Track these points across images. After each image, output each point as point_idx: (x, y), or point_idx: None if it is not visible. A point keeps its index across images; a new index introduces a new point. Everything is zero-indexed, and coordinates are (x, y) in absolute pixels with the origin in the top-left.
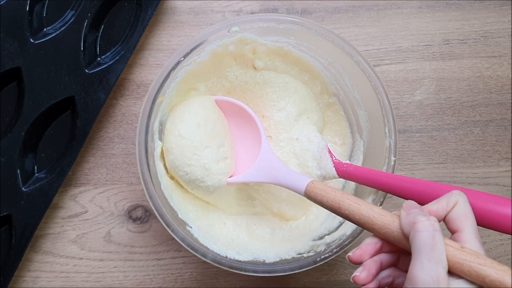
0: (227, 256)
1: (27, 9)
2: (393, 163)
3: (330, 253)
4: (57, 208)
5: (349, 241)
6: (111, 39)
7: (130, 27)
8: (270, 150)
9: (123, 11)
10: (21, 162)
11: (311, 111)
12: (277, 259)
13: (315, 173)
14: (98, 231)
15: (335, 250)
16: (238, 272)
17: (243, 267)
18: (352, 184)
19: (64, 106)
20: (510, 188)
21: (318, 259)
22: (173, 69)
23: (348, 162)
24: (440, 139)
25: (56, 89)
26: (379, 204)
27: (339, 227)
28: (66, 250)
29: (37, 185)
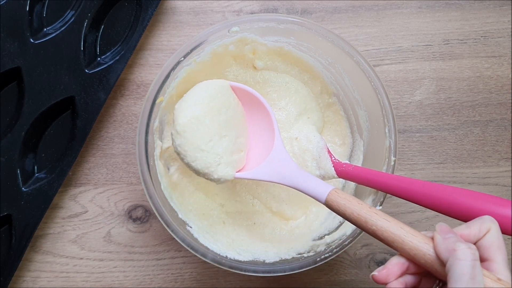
0: (227, 256)
1: (27, 9)
2: (393, 163)
3: (330, 253)
4: (57, 208)
5: (349, 241)
6: (111, 39)
7: (130, 27)
8: (283, 147)
9: (123, 11)
10: (21, 162)
11: (311, 111)
12: (277, 259)
13: (314, 173)
14: (98, 231)
15: (335, 250)
16: (238, 272)
17: (243, 267)
18: (352, 184)
19: (64, 106)
20: (510, 188)
21: (318, 259)
22: (173, 69)
23: (347, 162)
24: (440, 139)
25: (56, 89)
26: (379, 204)
27: (339, 227)
28: (66, 250)
29: (37, 185)
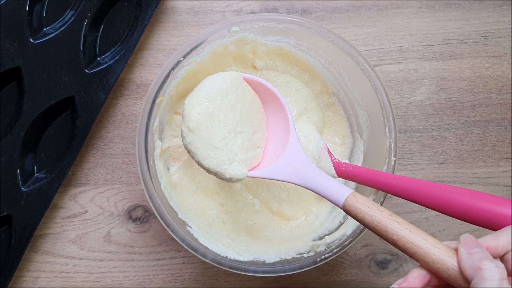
0: (227, 256)
1: (27, 9)
2: (393, 163)
3: (330, 253)
4: (57, 208)
5: (349, 241)
6: (111, 39)
7: (130, 27)
8: (299, 144)
9: (123, 11)
10: (21, 162)
11: (311, 111)
12: (277, 259)
13: None
14: (98, 231)
15: (335, 250)
16: (238, 272)
17: (243, 267)
18: (352, 184)
19: (64, 106)
20: (510, 188)
21: (318, 259)
22: (173, 69)
23: (347, 162)
24: (440, 139)
25: (56, 89)
26: (379, 204)
27: (339, 227)
28: (66, 250)
29: (37, 185)
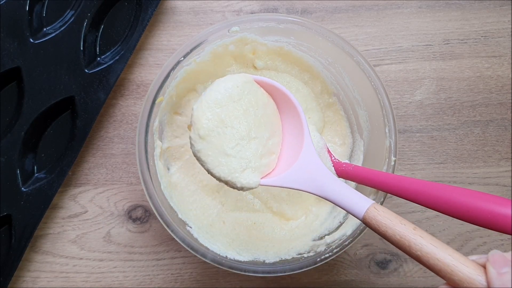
0: (227, 256)
1: (27, 9)
2: (393, 163)
3: (330, 253)
4: (57, 208)
5: (349, 241)
6: (111, 39)
7: (130, 27)
8: (314, 150)
9: (123, 11)
10: (21, 162)
11: (312, 111)
12: (277, 259)
13: None
14: (98, 231)
15: (335, 250)
16: (238, 272)
17: (243, 267)
18: (352, 184)
19: (64, 106)
20: (510, 188)
21: (318, 259)
22: (173, 69)
23: (347, 162)
24: (440, 139)
25: (56, 89)
26: (379, 204)
27: (339, 227)
28: (66, 250)
29: (37, 185)
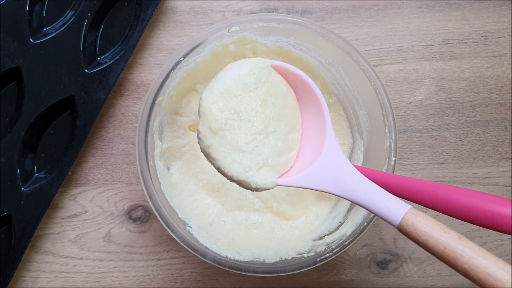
0: (227, 256)
1: (26, 9)
2: (393, 163)
3: (330, 253)
4: (57, 208)
5: (349, 241)
6: (111, 39)
7: (130, 27)
8: (339, 147)
9: (123, 11)
10: (21, 162)
11: None
12: (277, 259)
13: None
14: (98, 231)
15: (335, 250)
16: (238, 272)
17: (243, 267)
18: None
19: (64, 106)
20: (510, 188)
21: (318, 259)
22: (173, 69)
23: None
24: (440, 139)
25: (56, 89)
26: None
27: (339, 227)
28: (66, 250)
29: (37, 185)
